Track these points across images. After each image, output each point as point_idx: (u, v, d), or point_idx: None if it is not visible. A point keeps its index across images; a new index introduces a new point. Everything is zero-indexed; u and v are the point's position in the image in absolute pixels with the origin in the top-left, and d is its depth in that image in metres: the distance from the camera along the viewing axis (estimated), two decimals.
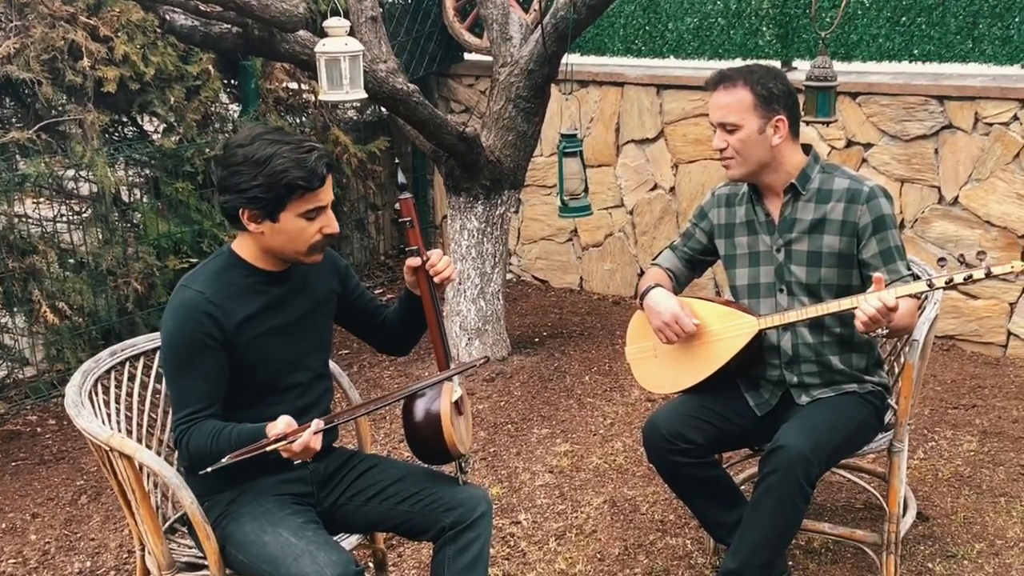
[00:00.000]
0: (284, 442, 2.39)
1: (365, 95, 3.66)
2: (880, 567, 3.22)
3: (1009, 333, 5.17)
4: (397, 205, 2.73)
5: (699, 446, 3.06)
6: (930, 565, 3.43)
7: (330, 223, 2.62)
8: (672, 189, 5.99)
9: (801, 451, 2.83)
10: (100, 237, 5.17)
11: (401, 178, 2.77)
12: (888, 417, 3.21)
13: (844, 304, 2.89)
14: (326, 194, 2.58)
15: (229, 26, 4.19)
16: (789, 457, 2.83)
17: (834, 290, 3.02)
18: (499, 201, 5.13)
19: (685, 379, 3.14)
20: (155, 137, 5.52)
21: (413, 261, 2.72)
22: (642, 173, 6.09)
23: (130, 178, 5.44)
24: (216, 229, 5.37)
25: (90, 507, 4.08)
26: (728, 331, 3.05)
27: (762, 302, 3.10)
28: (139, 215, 5.38)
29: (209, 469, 2.39)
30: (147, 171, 5.46)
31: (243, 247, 2.66)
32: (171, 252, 5.32)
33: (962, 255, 2.83)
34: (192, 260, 5.32)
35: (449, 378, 2.69)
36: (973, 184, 5.12)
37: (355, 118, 6.58)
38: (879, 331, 2.79)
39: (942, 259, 2.88)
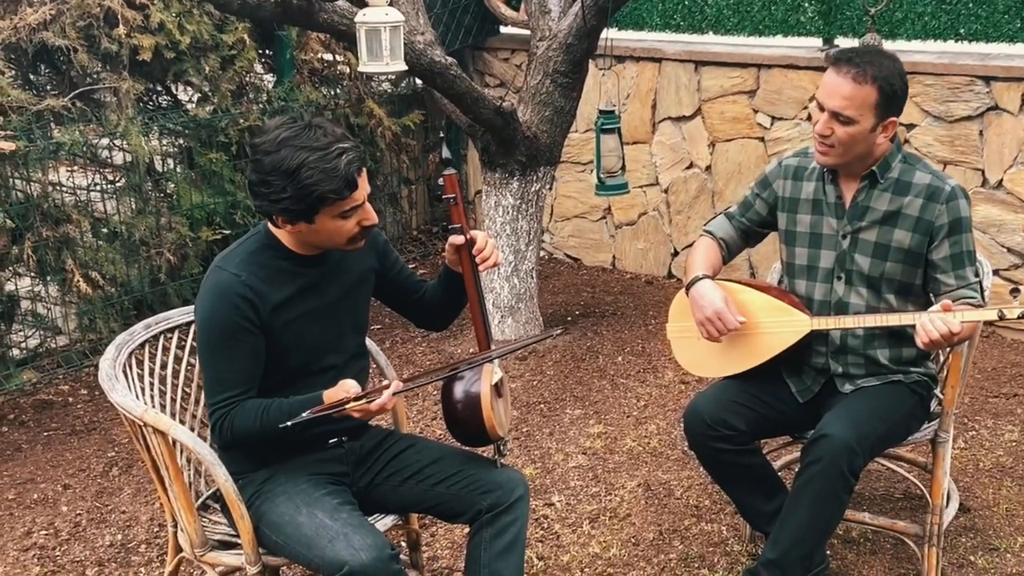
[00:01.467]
0: (363, 401, 2.38)
1: (405, 67, 3.61)
2: (922, 559, 3.16)
3: None
4: (441, 180, 2.67)
5: (741, 432, 3.00)
6: (972, 558, 3.37)
7: (368, 216, 2.55)
8: (708, 168, 5.91)
9: (846, 441, 2.77)
10: (133, 207, 5.16)
11: (446, 152, 2.70)
12: (933, 406, 3.15)
13: (905, 319, 2.82)
14: (360, 193, 2.51)
15: None
16: (833, 447, 2.77)
17: (895, 285, 2.94)
18: (535, 178, 5.07)
19: (728, 367, 3.07)
20: (189, 107, 5.48)
21: (456, 239, 2.66)
22: (678, 151, 6.01)
23: (164, 147, 5.41)
24: (249, 201, 5.33)
25: (121, 479, 4.07)
26: (778, 326, 2.97)
27: (817, 286, 3.03)
28: (172, 185, 5.36)
29: (289, 424, 2.38)
30: (181, 141, 5.43)
31: (279, 229, 2.60)
32: (204, 223, 5.30)
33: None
34: (225, 232, 5.30)
35: (529, 345, 2.63)
36: (1018, 167, 5.01)
37: (389, 91, 6.52)
38: None
39: (1015, 289, 2.79)
